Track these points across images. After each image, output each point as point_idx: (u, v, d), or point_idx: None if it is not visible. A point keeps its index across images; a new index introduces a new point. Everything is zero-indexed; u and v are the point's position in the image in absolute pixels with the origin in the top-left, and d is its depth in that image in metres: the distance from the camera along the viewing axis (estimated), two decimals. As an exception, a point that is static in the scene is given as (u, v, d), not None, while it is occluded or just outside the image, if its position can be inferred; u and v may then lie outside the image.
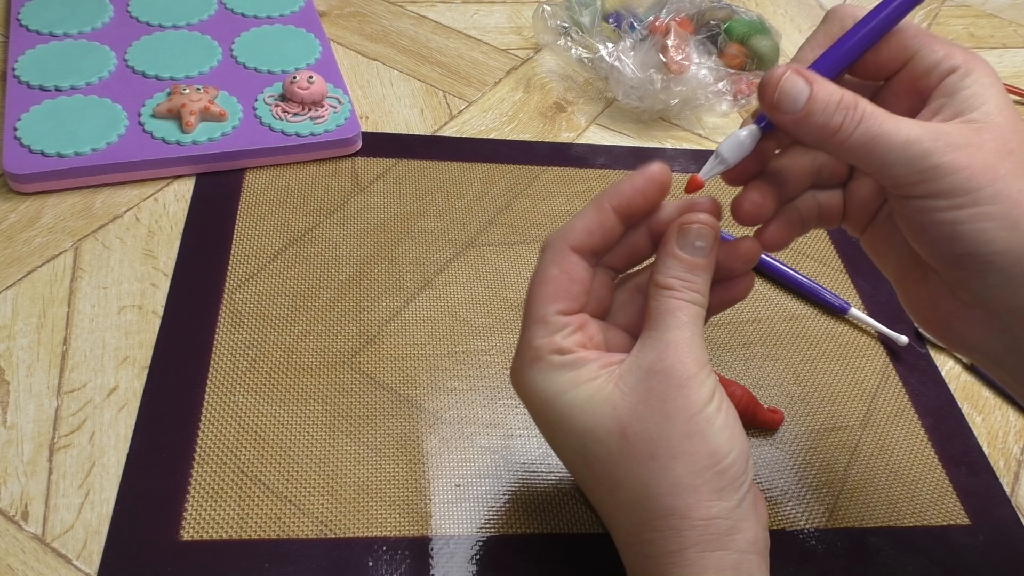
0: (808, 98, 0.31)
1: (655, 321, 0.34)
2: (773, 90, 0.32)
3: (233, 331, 0.47)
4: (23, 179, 0.53)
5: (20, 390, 0.44)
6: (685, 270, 0.34)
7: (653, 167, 0.35)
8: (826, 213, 0.38)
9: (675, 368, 0.33)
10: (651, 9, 0.69)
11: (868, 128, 0.31)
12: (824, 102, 0.31)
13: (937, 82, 0.33)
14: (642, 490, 0.32)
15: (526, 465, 0.44)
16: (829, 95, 0.31)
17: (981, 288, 0.32)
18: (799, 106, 0.32)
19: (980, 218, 0.31)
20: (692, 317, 0.34)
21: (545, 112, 0.67)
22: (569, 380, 0.33)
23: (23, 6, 0.65)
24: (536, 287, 0.35)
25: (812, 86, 0.32)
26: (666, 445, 0.32)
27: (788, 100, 0.32)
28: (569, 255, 0.35)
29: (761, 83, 0.33)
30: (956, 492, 0.46)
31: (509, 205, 0.58)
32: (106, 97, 0.59)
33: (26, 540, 0.38)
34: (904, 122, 0.31)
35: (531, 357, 0.34)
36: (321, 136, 0.58)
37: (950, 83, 0.33)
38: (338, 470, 0.42)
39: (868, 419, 0.49)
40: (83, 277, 0.49)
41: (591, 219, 0.35)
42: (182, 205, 0.54)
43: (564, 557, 0.40)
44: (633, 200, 0.35)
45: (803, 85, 0.32)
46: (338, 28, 0.72)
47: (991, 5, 0.90)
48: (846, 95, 0.31)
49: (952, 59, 0.33)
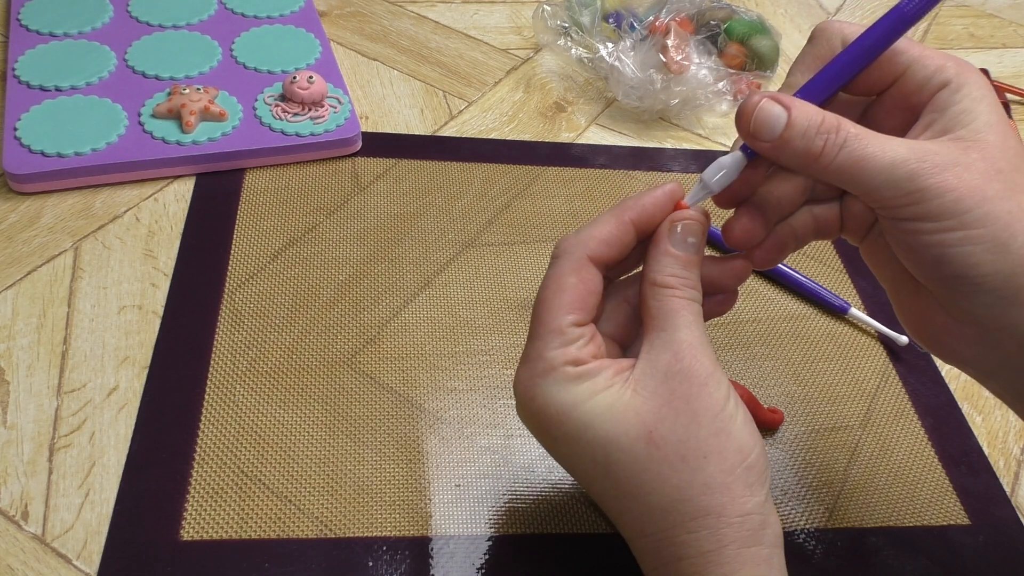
0: (786, 124, 0.31)
1: (661, 322, 0.34)
2: (749, 118, 0.32)
3: (233, 331, 0.48)
4: (23, 179, 0.53)
5: (20, 390, 0.44)
6: (681, 267, 0.34)
7: (671, 186, 0.35)
8: (823, 226, 0.37)
9: (694, 368, 0.32)
10: (651, 9, 0.69)
11: (852, 151, 0.31)
12: (803, 127, 0.31)
13: (929, 97, 0.33)
14: (674, 493, 0.32)
15: (526, 465, 0.44)
16: (808, 119, 0.31)
17: (971, 307, 0.32)
18: (776, 133, 0.31)
19: (968, 241, 0.30)
20: (696, 315, 0.34)
21: (545, 112, 0.67)
22: (586, 390, 0.33)
23: (23, 6, 0.65)
24: (552, 295, 0.34)
25: (790, 112, 0.31)
26: (695, 445, 0.32)
27: (765, 128, 0.32)
28: (587, 265, 0.34)
29: (737, 112, 0.32)
30: (956, 492, 0.46)
31: (509, 205, 0.58)
32: (106, 97, 0.59)
33: (26, 540, 0.38)
34: (890, 142, 0.31)
35: (543, 368, 0.33)
36: (321, 136, 0.58)
37: (941, 98, 0.32)
38: (338, 470, 0.42)
39: (868, 419, 0.49)
40: (83, 277, 0.49)
41: (611, 231, 0.35)
42: (182, 205, 0.54)
43: (564, 557, 0.40)
44: (654, 216, 0.35)
45: (779, 111, 0.31)
46: (338, 28, 0.72)
47: (991, 5, 0.90)
48: (828, 118, 0.31)
49: (944, 73, 0.32)
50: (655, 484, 0.32)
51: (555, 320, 0.34)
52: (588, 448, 0.33)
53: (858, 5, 0.87)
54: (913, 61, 0.33)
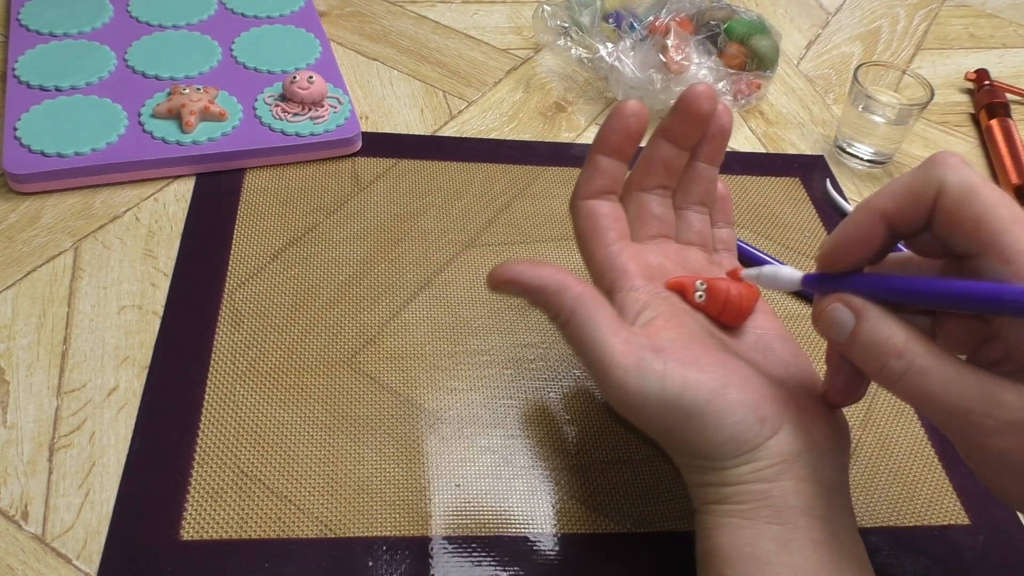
0: (851, 334, 0.31)
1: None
2: (818, 317, 0.32)
3: (233, 331, 0.48)
4: (23, 179, 0.53)
5: (20, 390, 0.44)
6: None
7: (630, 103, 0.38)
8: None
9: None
10: (651, 9, 0.69)
11: (911, 384, 0.29)
12: (865, 343, 0.30)
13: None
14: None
15: (526, 465, 0.44)
16: (872, 336, 0.30)
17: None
18: (842, 338, 0.31)
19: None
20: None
21: (545, 112, 0.67)
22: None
23: (23, 6, 0.65)
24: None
25: (858, 322, 0.30)
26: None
27: (832, 330, 0.31)
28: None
29: (814, 309, 0.32)
30: (956, 492, 0.46)
31: (509, 205, 0.58)
32: (106, 97, 0.59)
33: (26, 540, 0.38)
34: (958, 378, 0.28)
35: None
36: (321, 136, 0.58)
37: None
38: (338, 470, 0.42)
39: (868, 419, 0.49)
40: (83, 277, 0.49)
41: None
42: (182, 205, 0.54)
43: (564, 557, 0.40)
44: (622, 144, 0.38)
45: (847, 319, 0.31)
46: (338, 28, 0.72)
47: (991, 5, 0.90)
48: (892, 340, 0.29)
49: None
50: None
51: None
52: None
53: (858, 5, 0.87)
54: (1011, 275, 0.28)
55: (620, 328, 0.34)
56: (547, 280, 0.34)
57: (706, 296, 0.38)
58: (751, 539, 0.32)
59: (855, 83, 0.64)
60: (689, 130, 0.39)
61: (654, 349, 0.33)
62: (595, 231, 0.38)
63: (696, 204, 0.42)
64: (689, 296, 0.38)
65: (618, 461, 0.44)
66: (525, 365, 0.48)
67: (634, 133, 0.38)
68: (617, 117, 0.38)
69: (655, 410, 0.33)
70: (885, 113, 0.64)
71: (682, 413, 0.33)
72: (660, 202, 0.41)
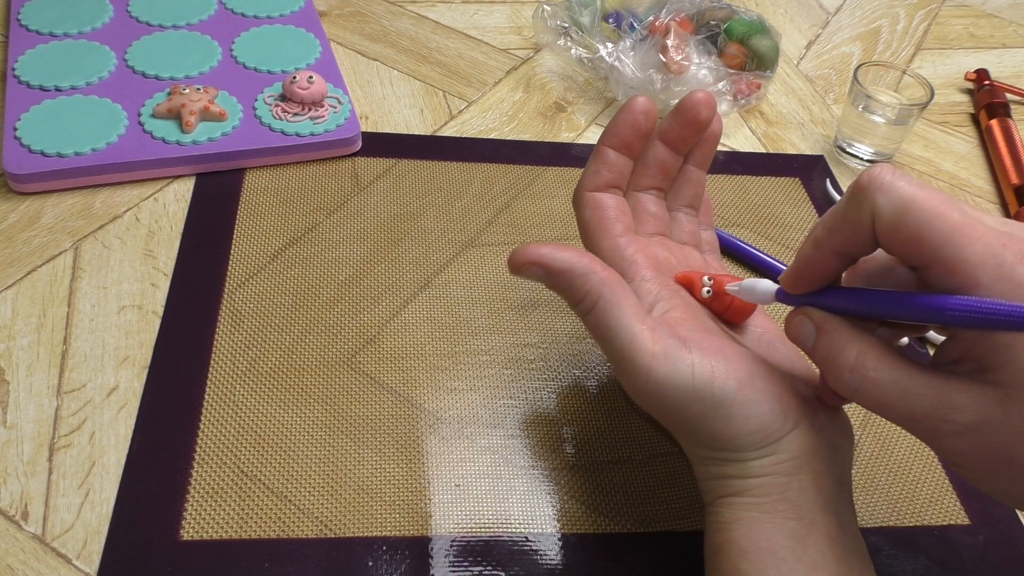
0: (812, 347, 0.32)
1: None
2: (787, 325, 0.33)
3: (233, 331, 0.48)
4: (23, 179, 0.53)
5: (20, 390, 0.44)
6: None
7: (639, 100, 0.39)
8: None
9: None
10: (651, 9, 0.69)
11: (867, 396, 0.30)
12: (823, 356, 0.31)
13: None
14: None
15: (526, 465, 0.44)
16: (828, 350, 0.31)
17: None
18: (807, 347, 0.32)
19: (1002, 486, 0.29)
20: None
21: (545, 112, 0.67)
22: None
23: (23, 6, 0.65)
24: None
25: (818, 336, 0.31)
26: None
27: (799, 339, 0.32)
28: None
29: (787, 318, 0.33)
30: (956, 492, 0.46)
31: (509, 205, 0.58)
32: (106, 97, 0.59)
33: (26, 540, 0.38)
34: (912, 387, 0.29)
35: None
36: (321, 136, 0.58)
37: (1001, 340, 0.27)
38: (338, 470, 0.42)
39: (868, 419, 0.49)
40: (83, 277, 0.49)
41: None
42: (182, 205, 0.54)
43: (564, 557, 0.40)
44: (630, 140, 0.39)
45: (809, 331, 0.32)
46: (338, 28, 0.72)
47: (991, 5, 0.90)
48: (845, 353, 0.30)
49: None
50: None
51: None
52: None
53: (858, 5, 0.87)
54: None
55: (646, 316, 0.34)
56: (573, 263, 0.33)
57: (712, 292, 0.38)
58: (768, 533, 0.33)
59: (855, 83, 0.64)
60: (686, 135, 0.40)
61: (679, 338, 0.33)
62: (602, 222, 0.39)
63: (686, 206, 0.42)
64: (696, 291, 0.38)
65: (618, 461, 0.44)
66: (525, 365, 0.48)
67: (643, 130, 0.39)
68: (628, 112, 0.39)
69: (682, 399, 0.33)
70: (885, 113, 0.64)
71: (710, 402, 0.33)
72: (655, 202, 0.41)
